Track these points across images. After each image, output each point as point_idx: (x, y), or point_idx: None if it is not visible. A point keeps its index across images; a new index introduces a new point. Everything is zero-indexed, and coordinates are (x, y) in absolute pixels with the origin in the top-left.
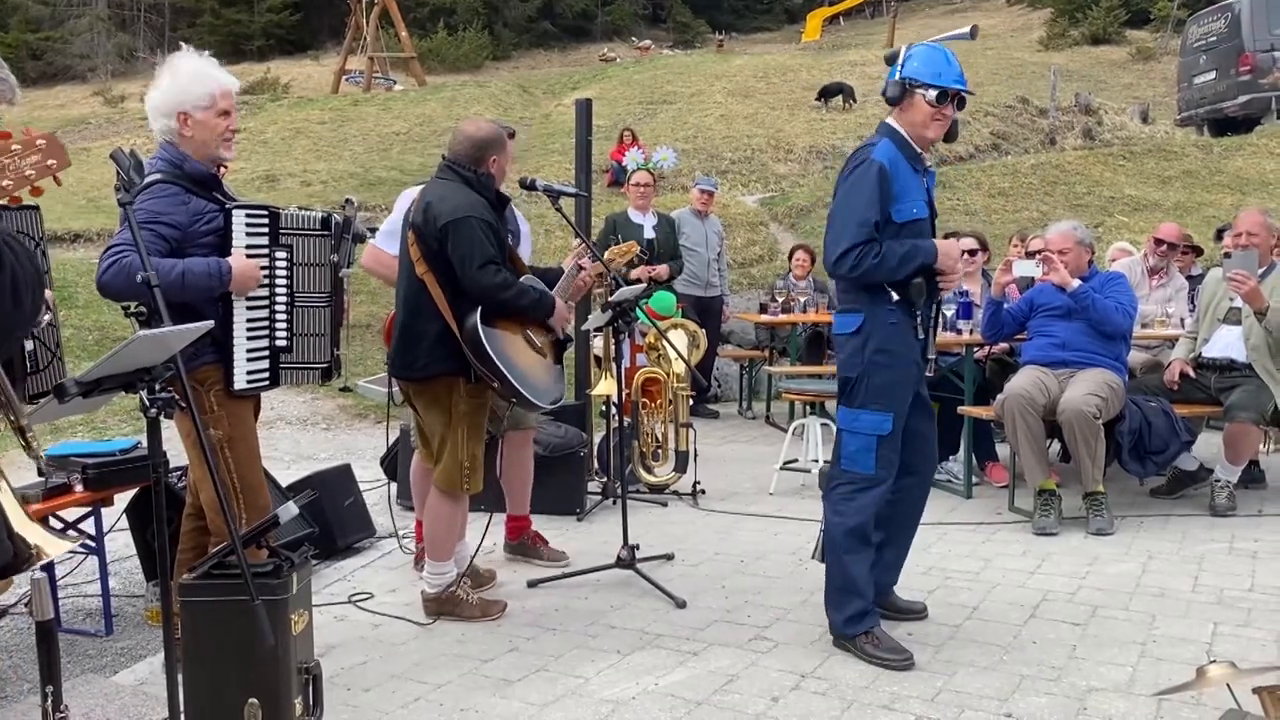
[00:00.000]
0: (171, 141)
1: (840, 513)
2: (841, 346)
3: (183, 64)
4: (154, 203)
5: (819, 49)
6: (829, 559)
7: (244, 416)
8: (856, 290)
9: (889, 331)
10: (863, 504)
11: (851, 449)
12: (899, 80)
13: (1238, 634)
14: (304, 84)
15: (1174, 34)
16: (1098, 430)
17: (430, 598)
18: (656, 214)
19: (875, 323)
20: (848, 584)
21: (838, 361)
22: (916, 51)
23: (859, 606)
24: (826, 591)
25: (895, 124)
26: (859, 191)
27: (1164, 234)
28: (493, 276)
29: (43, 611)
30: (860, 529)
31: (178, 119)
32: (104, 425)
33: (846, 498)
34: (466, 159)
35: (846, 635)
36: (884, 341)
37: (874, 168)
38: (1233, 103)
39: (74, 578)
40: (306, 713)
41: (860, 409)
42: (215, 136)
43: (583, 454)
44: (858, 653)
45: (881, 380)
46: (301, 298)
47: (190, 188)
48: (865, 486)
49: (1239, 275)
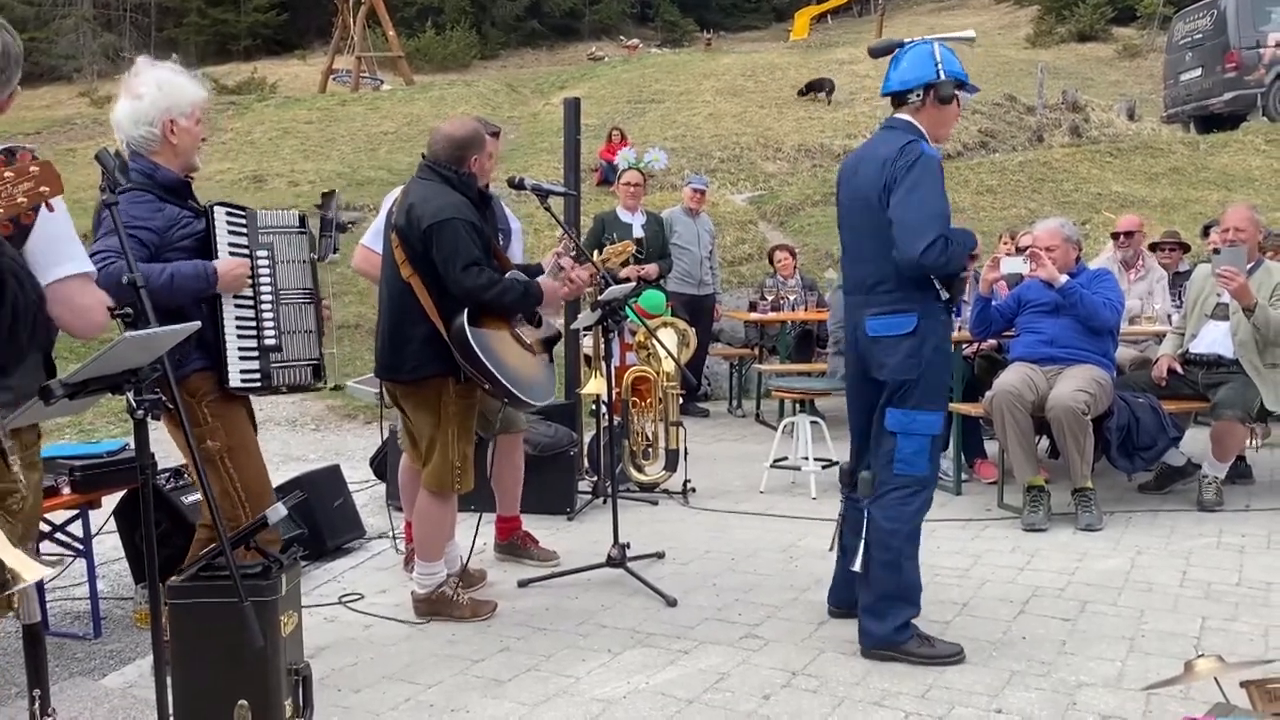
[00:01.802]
0: (139, 152)
1: (897, 518)
2: (891, 349)
3: (163, 73)
4: (129, 208)
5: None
6: (878, 566)
7: (239, 424)
8: (908, 289)
9: (941, 330)
10: (919, 507)
11: (908, 451)
12: (950, 80)
13: (1225, 628)
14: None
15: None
16: (1086, 426)
17: (421, 598)
18: (646, 213)
19: (930, 321)
20: (903, 591)
21: (884, 365)
22: (942, 50)
23: (910, 613)
24: (870, 601)
25: (914, 121)
26: (929, 184)
27: (1122, 226)
28: (476, 278)
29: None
30: (917, 533)
31: (163, 126)
32: (91, 427)
33: (903, 502)
34: (447, 159)
35: (894, 643)
36: (940, 340)
37: (935, 161)
38: (1219, 99)
39: (62, 580)
40: (297, 714)
41: (916, 410)
42: (195, 143)
43: (573, 453)
44: (905, 657)
45: (936, 379)
46: (285, 295)
47: (163, 195)
48: (919, 489)
49: (1227, 272)
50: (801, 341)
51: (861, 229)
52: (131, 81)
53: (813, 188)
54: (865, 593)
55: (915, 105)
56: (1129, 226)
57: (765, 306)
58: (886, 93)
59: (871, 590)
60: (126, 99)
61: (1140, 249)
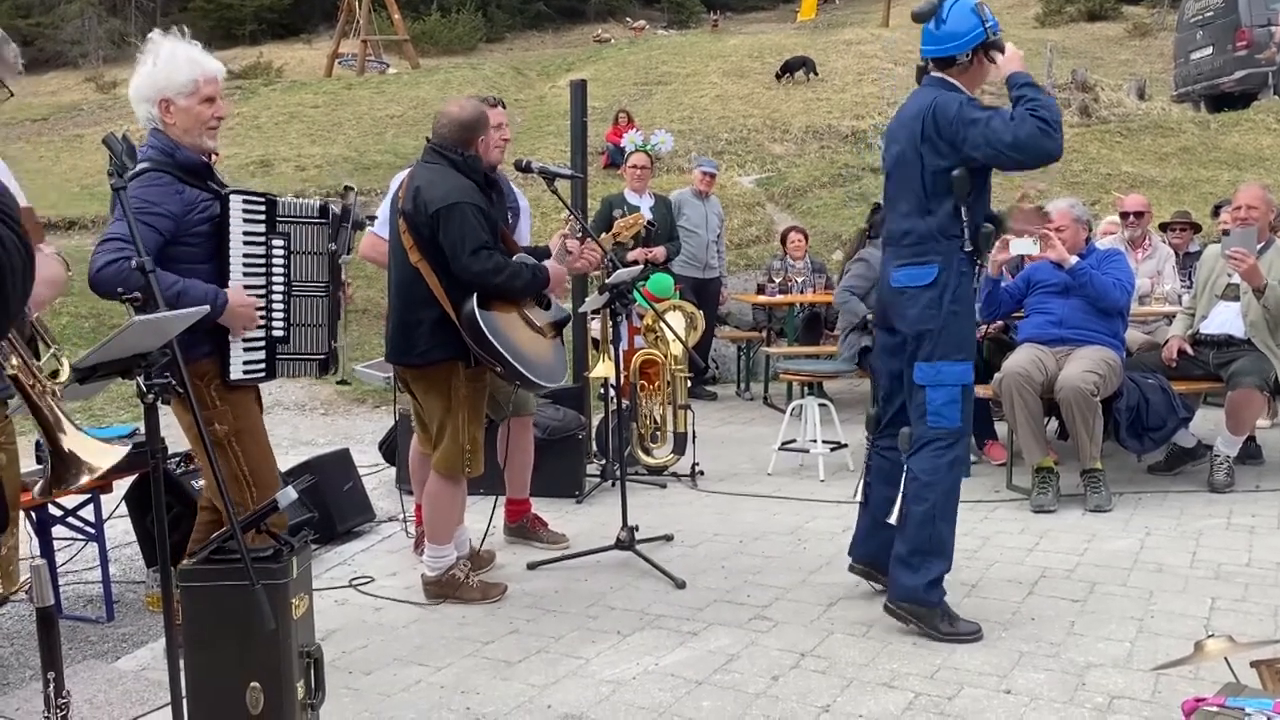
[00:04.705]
0: (159, 129)
1: (933, 470)
2: (912, 300)
3: (164, 48)
4: (146, 191)
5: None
6: (913, 520)
7: (248, 408)
8: (931, 241)
9: (963, 281)
10: (953, 459)
11: (939, 402)
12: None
13: (1235, 608)
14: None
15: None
16: (1095, 407)
17: (430, 581)
18: (654, 195)
19: (950, 272)
20: (936, 545)
21: (905, 316)
22: (981, 7)
23: (942, 569)
24: (904, 553)
25: (954, 80)
26: (978, 106)
27: (1128, 206)
28: (485, 262)
29: (43, 598)
30: (955, 487)
31: (159, 106)
32: (101, 413)
33: (937, 454)
34: (452, 141)
35: (926, 601)
36: (960, 291)
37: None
38: (1229, 78)
39: (74, 565)
40: (308, 696)
41: (941, 361)
42: (199, 124)
43: (581, 436)
44: (926, 630)
45: (961, 329)
46: (298, 287)
47: (182, 177)
48: (953, 441)
49: (1238, 253)
50: (809, 324)
51: (899, 182)
52: (141, 55)
53: (820, 169)
54: (900, 542)
55: (963, 66)
56: (1135, 207)
57: (773, 289)
58: (936, 55)
59: (906, 541)
60: (135, 75)
61: (1147, 229)
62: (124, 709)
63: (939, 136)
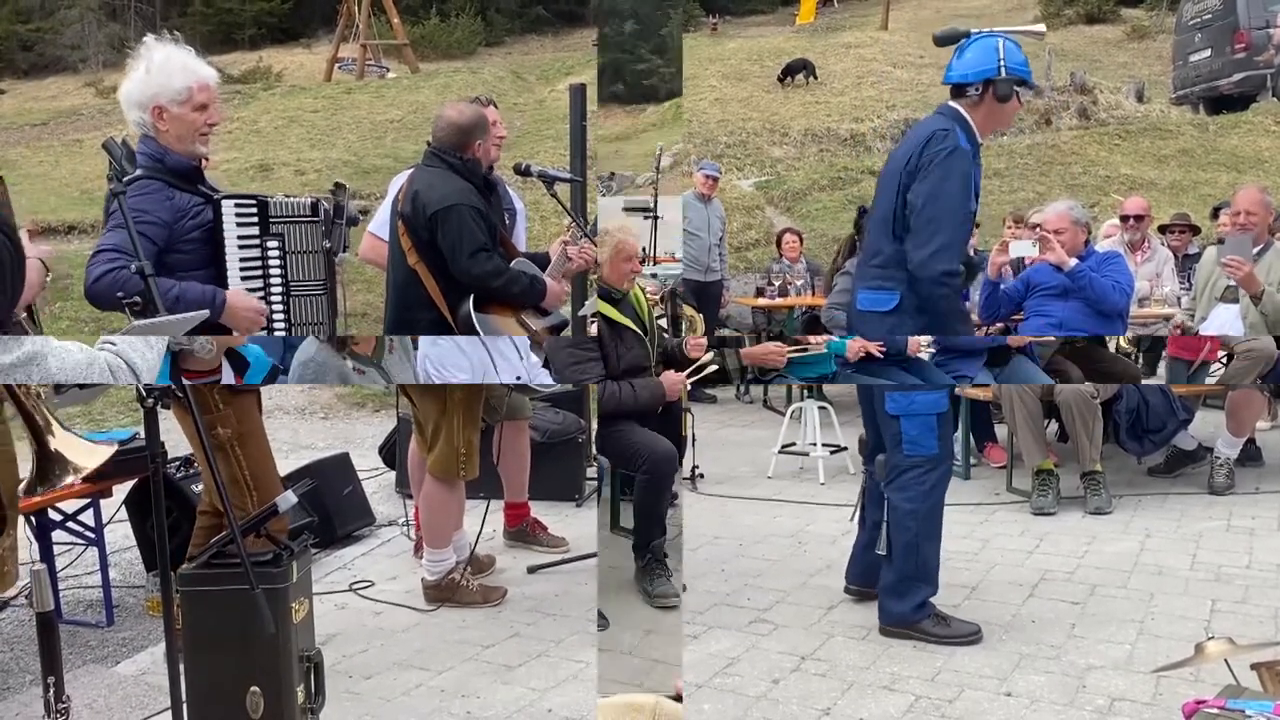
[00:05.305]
0: (150, 135)
1: (914, 499)
2: (875, 326)
3: (158, 54)
4: (138, 200)
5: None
6: (898, 547)
7: (250, 412)
8: (894, 265)
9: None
10: (934, 484)
11: (913, 432)
12: (1010, 78)
13: (1235, 610)
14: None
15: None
16: (1095, 410)
17: (430, 585)
18: None
19: (912, 301)
20: (921, 571)
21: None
22: (1007, 45)
23: (928, 593)
24: (891, 582)
25: (964, 112)
26: (958, 181)
27: (1130, 209)
28: (484, 264)
29: (43, 603)
30: (935, 512)
31: (151, 112)
32: (102, 417)
33: (917, 481)
34: (451, 145)
35: (912, 621)
36: (927, 323)
37: (968, 157)
38: (1228, 80)
39: (74, 569)
40: (308, 701)
41: (914, 390)
42: (192, 131)
43: (581, 440)
44: (921, 636)
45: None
46: (297, 286)
47: (173, 182)
48: (932, 467)
49: (1233, 261)
50: (808, 327)
51: (881, 196)
52: (133, 60)
53: (820, 173)
54: (887, 571)
55: (972, 100)
56: (1137, 210)
57: (772, 292)
58: (947, 82)
59: (893, 571)
60: (127, 80)
61: (1147, 231)
62: (124, 713)
63: (918, 165)
